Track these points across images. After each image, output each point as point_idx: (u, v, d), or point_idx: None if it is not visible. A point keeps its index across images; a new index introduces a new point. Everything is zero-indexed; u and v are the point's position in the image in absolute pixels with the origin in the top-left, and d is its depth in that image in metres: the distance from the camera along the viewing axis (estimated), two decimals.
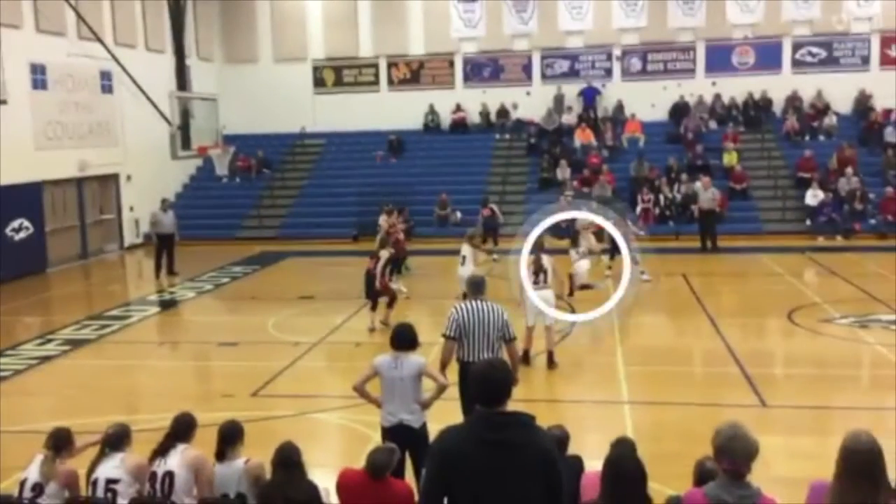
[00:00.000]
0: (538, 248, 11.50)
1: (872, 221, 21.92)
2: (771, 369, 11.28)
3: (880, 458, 3.69)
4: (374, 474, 5.28)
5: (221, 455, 5.74)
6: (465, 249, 14.00)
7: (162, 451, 5.74)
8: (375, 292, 13.37)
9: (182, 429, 5.87)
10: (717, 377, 10.86)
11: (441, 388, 6.66)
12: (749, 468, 3.81)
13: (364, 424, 8.86)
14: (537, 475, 3.74)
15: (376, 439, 6.97)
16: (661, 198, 23.29)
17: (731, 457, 3.79)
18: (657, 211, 23.14)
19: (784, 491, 4.13)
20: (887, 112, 25.29)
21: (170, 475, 5.61)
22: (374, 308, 13.34)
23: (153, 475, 5.65)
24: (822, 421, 9.14)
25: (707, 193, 20.72)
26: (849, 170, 22.93)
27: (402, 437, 6.47)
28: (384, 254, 13.49)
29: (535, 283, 11.01)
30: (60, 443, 5.78)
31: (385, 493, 5.23)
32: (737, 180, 23.57)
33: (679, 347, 12.73)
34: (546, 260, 11.19)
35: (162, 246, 18.80)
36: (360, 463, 5.50)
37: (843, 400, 9.81)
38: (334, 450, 8.77)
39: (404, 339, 6.63)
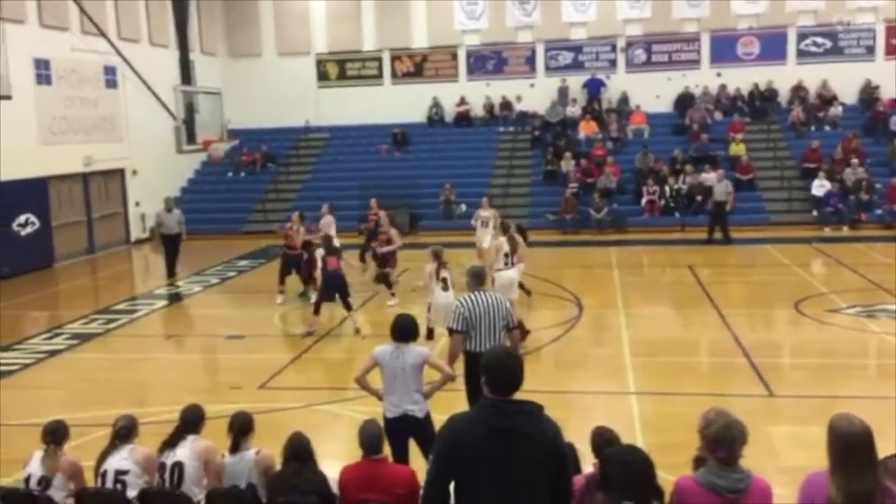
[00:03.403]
0: (507, 229, 11.74)
1: (879, 212, 21.85)
2: (778, 359, 11.24)
3: (873, 441, 3.67)
4: (371, 450, 5.28)
5: (236, 446, 5.75)
6: (442, 271, 11.44)
7: (171, 442, 5.78)
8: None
9: (191, 420, 5.91)
10: (724, 367, 10.83)
11: (446, 379, 6.67)
12: (742, 452, 3.81)
13: (370, 416, 8.87)
14: (544, 462, 3.77)
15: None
16: (667, 189, 23.25)
17: (730, 445, 3.79)
18: (662, 202, 23.10)
19: (792, 479, 4.13)
20: (893, 102, 25.22)
21: (179, 466, 5.65)
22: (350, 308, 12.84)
23: (162, 466, 5.69)
24: (829, 410, 8.94)
25: (721, 185, 20.66)
26: (854, 160, 22.86)
27: (407, 427, 6.47)
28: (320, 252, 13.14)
29: (506, 264, 11.12)
30: (59, 435, 5.82)
31: (387, 477, 5.22)
32: (743, 171, 23.51)
33: (686, 338, 12.73)
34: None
35: (169, 247, 18.16)
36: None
37: (850, 389, 9.78)
38: (341, 441, 8.76)
39: (405, 329, 6.62)
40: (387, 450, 5.64)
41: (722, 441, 3.80)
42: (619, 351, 11.37)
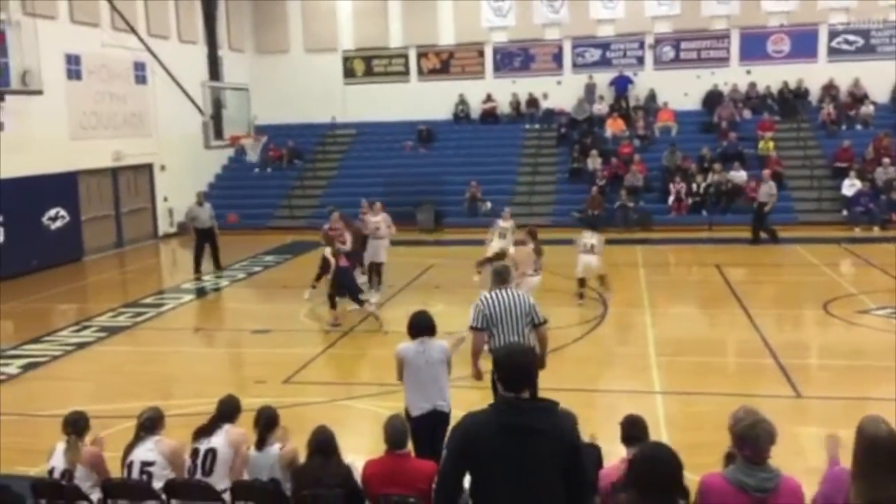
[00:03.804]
0: (535, 235, 12.62)
1: None
2: (806, 360, 11.15)
3: None
4: (395, 445, 5.33)
5: (262, 442, 5.80)
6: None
7: (207, 431, 5.86)
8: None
9: (227, 411, 6.01)
10: (751, 368, 10.75)
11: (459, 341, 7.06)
12: (769, 453, 3.78)
13: (394, 412, 8.88)
14: (558, 459, 3.78)
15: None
16: (694, 187, 23.04)
17: (755, 444, 3.77)
18: (690, 201, 22.90)
19: (819, 480, 4.14)
20: None
21: (212, 452, 5.73)
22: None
23: (195, 452, 5.77)
24: (857, 412, 8.82)
25: (766, 186, 20.46)
26: (886, 160, 22.54)
27: (434, 422, 6.48)
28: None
29: (535, 270, 11.87)
30: (80, 426, 5.91)
31: (410, 471, 5.28)
32: (772, 165, 23.28)
33: (712, 338, 12.64)
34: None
35: (201, 241, 18.03)
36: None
37: (879, 391, 9.62)
38: (364, 436, 8.79)
39: (425, 325, 6.71)
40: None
41: (747, 439, 3.79)
42: (645, 350, 11.30)
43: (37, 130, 18.26)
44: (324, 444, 5.41)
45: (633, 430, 5.17)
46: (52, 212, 19.36)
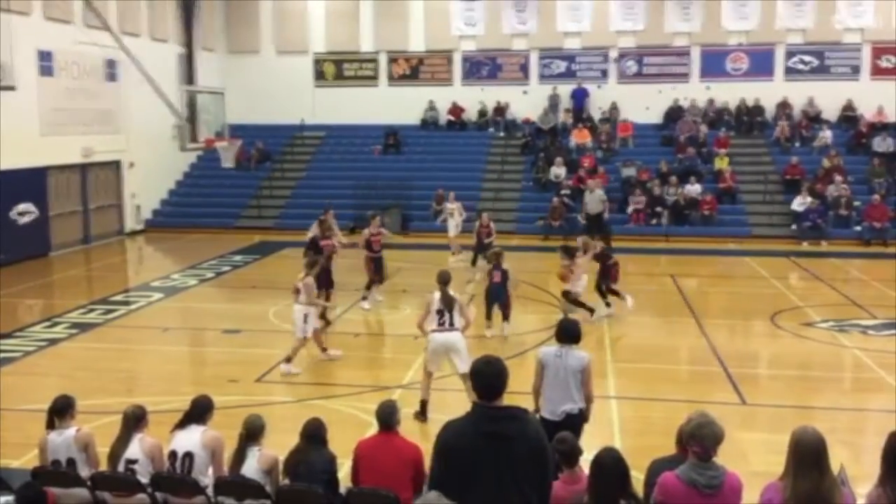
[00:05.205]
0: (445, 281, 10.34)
1: (857, 228, 22.40)
2: (752, 369, 11.70)
3: (825, 449, 4.15)
4: (384, 423, 5.87)
5: (242, 452, 5.94)
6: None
7: (180, 425, 6.16)
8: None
9: (199, 410, 6.25)
10: (701, 375, 11.29)
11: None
12: (716, 451, 4.32)
13: (363, 411, 9.30)
14: (529, 463, 4.14)
15: (375, 426, 7.35)
16: (652, 199, 23.69)
17: (701, 442, 4.31)
18: (648, 212, 23.57)
19: (760, 483, 4.53)
20: (875, 122, 25.79)
21: (190, 455, 6.01)
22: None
23: (173, 455, 6.04)
24: (800, 420, 9.43)
25: (595, 195, 21.20)
26: (838, 177, 23.41)
27: (566, 427, 6.62)
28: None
29: (441, 324, 9.23)
30: (71, 410, 6.29)
31: (397, 446, 5.84)
32: (724, 181, 24.12)
33: (666, 346, 13.15)
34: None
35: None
36: None
37: (821, 400, 10.26)
38: (335, 435, 9.14)
39: (572, 333, 6.90)
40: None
41: (695, 437, 4.32)
42: (602, 356, 11.72)
43: (8, 126, 18.29)
44: (314, 432, 5.95)
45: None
46: (21, 207, 19.40)
